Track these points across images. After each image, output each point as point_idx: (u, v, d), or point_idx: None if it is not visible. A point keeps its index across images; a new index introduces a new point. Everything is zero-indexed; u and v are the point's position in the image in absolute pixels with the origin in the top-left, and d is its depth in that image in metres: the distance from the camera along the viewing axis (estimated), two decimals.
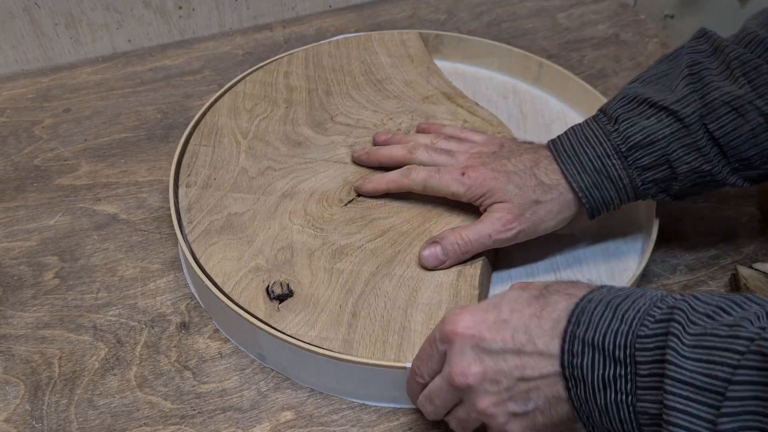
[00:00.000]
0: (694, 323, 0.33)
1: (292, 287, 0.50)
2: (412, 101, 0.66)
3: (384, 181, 0.56)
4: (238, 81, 0.67)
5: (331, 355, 0.46)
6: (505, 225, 0.51)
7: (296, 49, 0.72)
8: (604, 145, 0.50)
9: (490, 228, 0.51)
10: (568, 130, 0.53)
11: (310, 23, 0.84)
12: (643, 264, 0.53)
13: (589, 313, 0.37)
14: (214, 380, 0.50)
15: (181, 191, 0.56)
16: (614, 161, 0.50)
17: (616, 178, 0.50)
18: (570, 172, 0.51)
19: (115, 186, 0.64)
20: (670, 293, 0.37)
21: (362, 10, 0.86)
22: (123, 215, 0.61)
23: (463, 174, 0.53)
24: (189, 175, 0.58)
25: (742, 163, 0.49)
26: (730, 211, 0.63)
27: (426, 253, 0.52)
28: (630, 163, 0.50)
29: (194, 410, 0.48)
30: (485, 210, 0.53)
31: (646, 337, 0.34)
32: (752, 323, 0.32)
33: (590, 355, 0.36)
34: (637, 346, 0.34)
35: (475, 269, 0.52)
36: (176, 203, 0.56)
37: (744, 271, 0.54)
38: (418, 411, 0.48)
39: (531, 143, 0.57)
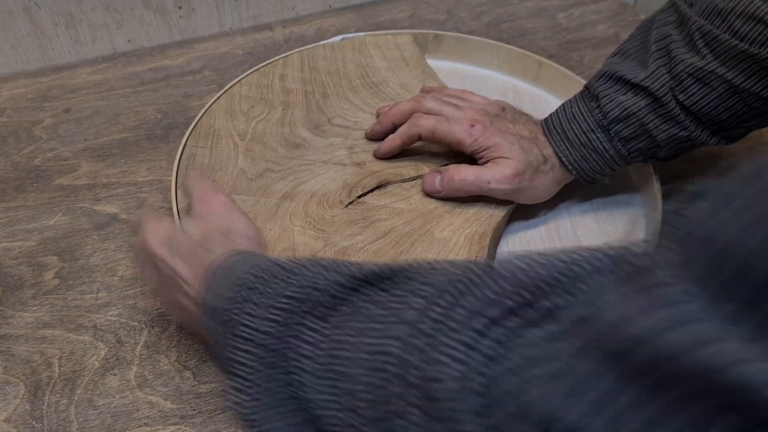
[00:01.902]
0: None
1: None
2: None
3: (397, 137, 0.58)
4: (234, 84, 0.67)
5: None
6: (505, 177, 0.53)
7: (290, 52, 0.72)
8: (588, 120, 0.54)
9: (491, 175, 0.54)
10: (559, 108, 0.57)
11: (310, 23, 0.84)
12: None
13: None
14: (215, 380, 0.50)
15: (180, 193, 0.56)
16: (598, 135, 0.54)
17: (601, 150, 0.54)
18: (560, 147, 0.55)
19: (115, 186, 0.64)
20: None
21: (362, 10, 0.86)
22: (123, 215, 0.61)
23: (472, 126, 0.55)
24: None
25: (719, 125, 0.52)
26: None
27: (428, 178, 0.56)
28: (612, 135, 0.54)
29: (194, 410, 0.48)
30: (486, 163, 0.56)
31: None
32: None
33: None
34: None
35: None
36: (178, 205, 0.56)
37: None
38: None
39: (527, 115, 0.59)
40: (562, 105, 0.57)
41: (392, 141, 0.59)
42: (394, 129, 0.59)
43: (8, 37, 0.73)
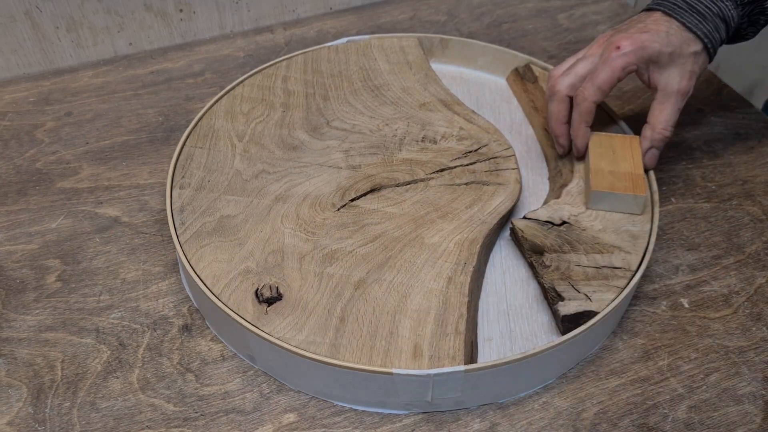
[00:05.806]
0: None
1: (281, 291, 0.50)
2: (408, 108, 0.66)
3: (581, 125, 0.58)
4: (236, 85, 0.67)
5: (317, 359, 0.46)
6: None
7: (295, 53, 0.72)
8: None
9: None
10: None
11: (311, 25, 0.84)
12: (645, 264, 0.53)
13: None
14: (217, 383, 0.50)
15: (175, 193, 0.57)
16: (725, 2, 0.56)
17: (729, 18, 0.56)
18: (693, 22, 0.56)
19: (116, 189, 0.64)
20: None
21: (363, 12, 0.86)
22: (125, 218, 0.61)
23: (618, 47, 0.55)
24: (183, 177, 0.58)
25: None
26: (732, 211, 0.63)
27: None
28: (737, 1, 0.56)
29: (197, 413, 0.48)
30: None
31: None
32: None
33: None
34: None
35: (465, 276, 0.51)
36: (172, 205, 0.56)
37: (519, 223, 0.55)
38: (418, 414, 0.48)
39: (637, 16, 0.59)
40: None
41: (581, 131, 0.58)
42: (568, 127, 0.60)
43: (10, 40, 0.73)
